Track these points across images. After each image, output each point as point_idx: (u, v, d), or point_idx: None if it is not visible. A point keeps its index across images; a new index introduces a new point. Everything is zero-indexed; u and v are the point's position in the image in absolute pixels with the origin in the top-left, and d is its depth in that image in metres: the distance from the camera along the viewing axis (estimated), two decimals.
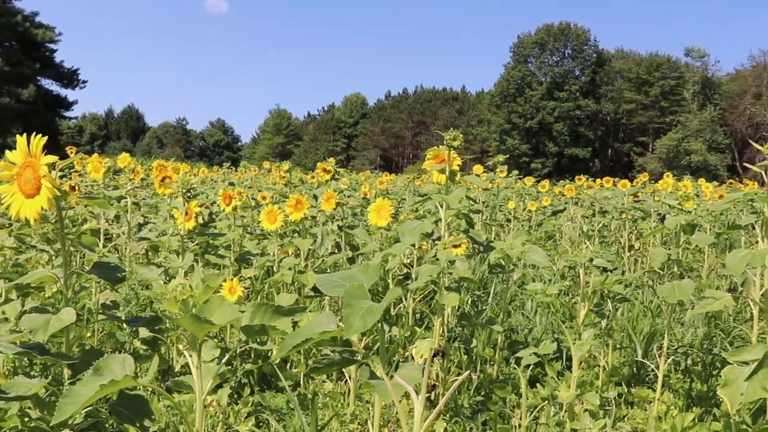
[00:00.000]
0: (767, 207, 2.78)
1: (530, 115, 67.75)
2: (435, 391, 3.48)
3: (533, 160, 67.42)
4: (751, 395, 2.63)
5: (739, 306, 5.15)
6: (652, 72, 69.17)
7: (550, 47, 71.16)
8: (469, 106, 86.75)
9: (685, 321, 4.95)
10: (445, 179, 3.46)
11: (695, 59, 69.83)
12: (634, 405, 3.64)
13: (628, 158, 69.20)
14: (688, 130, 60.02)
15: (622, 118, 70.24)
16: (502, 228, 9.79)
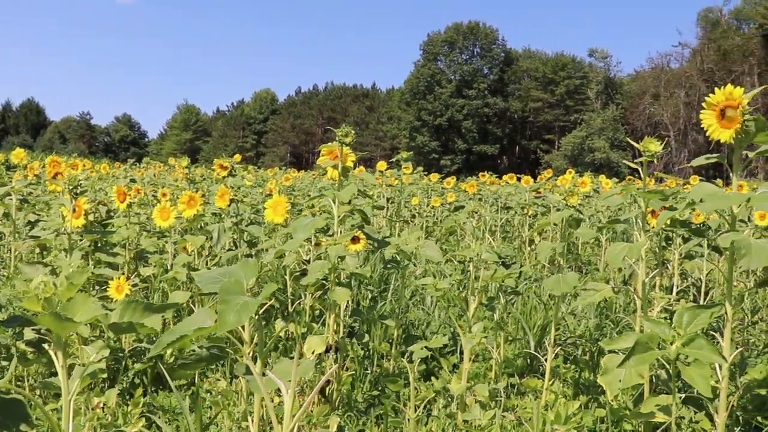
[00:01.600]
0: (643, 202, 2.89)
1: (440, 113, 68.50)
2: (329, 387, 3.49)
3: (442, 156, 68.20)
4: (628, 381, 2.74)
5: (629, 297, 5.32)
6: (557, 72, 70.91)
7: (460, 46, 72.09)
8: (379, 103, 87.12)
9: (578, 312, 5.09)
10: (338, 175, 3.47)
11: (598, 60, 72.00)
12: (525, 395, 3.73)
13: (535, 155, 70.79)
14: (591, 129, 61.81)
15: (529, 116, 71.77)
16: (407, 224, 9.88)
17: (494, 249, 5.65)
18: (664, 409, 2.64)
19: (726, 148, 2.63)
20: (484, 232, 9.52)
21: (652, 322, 2.40)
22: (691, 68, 63.61)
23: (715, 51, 61.86)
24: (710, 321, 2.38)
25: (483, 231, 9.58)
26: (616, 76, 72.08)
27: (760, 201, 2.39)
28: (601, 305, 5.06)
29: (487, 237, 8.58)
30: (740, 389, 2.92)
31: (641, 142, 2.86)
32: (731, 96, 2.47)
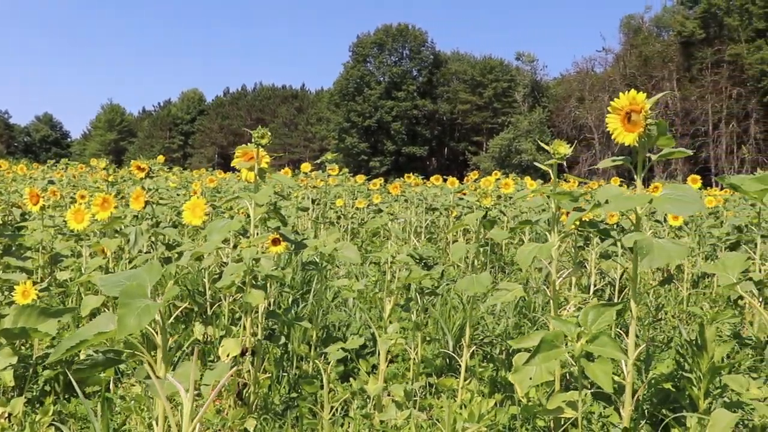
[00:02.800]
0: (554, 203, 2.95)
1: (369, 114, 68.58)
2: (246, 390, 3.46)
3: (372, 158, 68.33)
4: (538, 379, 2.79)
5: (548, 297, 5.42)
6: (485, 74, 71.76)
7: (389, 47, 72.29)
8: (308, 104, 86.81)
9: (498, 312, 5.16)
10: (254, 177, 3.44)
11: (525, 64, 73.20)
12: (442, 395, 3.76)
13: (464, 157, 71.45)
14: (518, 131, 62.72)
15: (458, 118, 72.41)
16: (332, 225, 9.85)
17: (417, 250, 5.71)
18: (571, 405, 2.70)
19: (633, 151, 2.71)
20: (409, 233, 9.58)
21: (559, 321, 2.45)
22: (614, 73, 65.14)
23: (637, 57, 63.50)
24: (614, 318, 2.44)
25: (408, 232, 9.64)
26: (542, 80, 73.46)
27: (662, 202, 2.46)
28: (520, 305, 5.14)
29: (412, 238, 8.64)
30: (645, 384, 3.00)
31: (552, 144, 2.92)
32: (635, 101, 2.54)
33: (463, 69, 74.00)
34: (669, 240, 2.48)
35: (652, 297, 5.74)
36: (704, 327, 3.02)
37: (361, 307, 5.00)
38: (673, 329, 4.98)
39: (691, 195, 2.48)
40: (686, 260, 6.85)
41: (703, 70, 58.68)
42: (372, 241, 9.41)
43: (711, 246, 7.99)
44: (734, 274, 2.22)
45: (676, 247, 2.45)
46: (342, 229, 9.66)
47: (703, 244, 8.10)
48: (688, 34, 59.00)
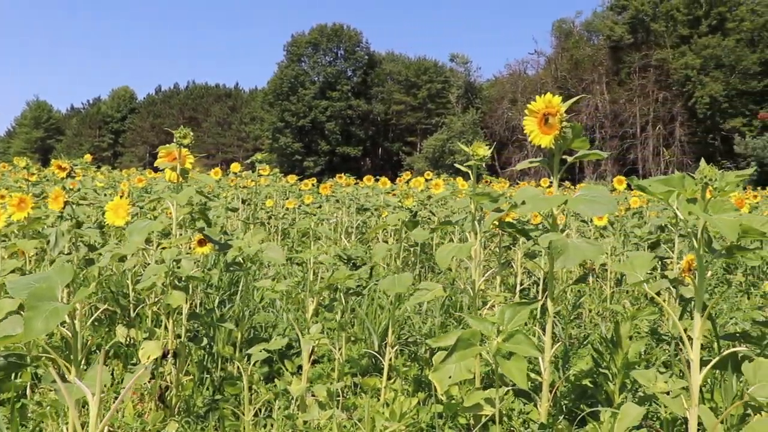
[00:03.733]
0: (474, 204, 3.00)
1: (303, 114, 68.32)
2: (168, 392, 3.42)
3: (306, 158, 68.11)
4: (458, 377, 2.82)
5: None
6: (420, 75, 72.24)
7: (324, 47, 72.17)
8: (242, 103, 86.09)
9: (424, 311, 5.21)
10: (177, 177, 3.41)
11: (459, 65, 73.99)
12: (367, 394, 3.78)
13: (398, 157, 71.76)
14: (452, 131, 63.26)
15: (392, 119, 72.69)
16: (263, 226, 9.79)
17: (346, 250, 5.72)
18: (490, 402, 2.75)
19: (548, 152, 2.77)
20: (340, 233, 9.58)
21: (476, 320, 2.49)
22: (546, 75, 66.31)
23: (568, 60, 64.76)
24: (529, 317, 2.50)
25: (340, 233, 9.64)
26: (476, 81, 74.34)
27: (576, 203, 2.53)
28: (446, 304, 5.19)
29: (342, 239, 8.64)
30: (562, 380, 3.07)
31: (470, 146, 2.97)
32: (551, 104, 2.60)
33: (397, 70, 74.36)
34: (584, 240, 2.55)
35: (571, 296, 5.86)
36: (619, 324, 3.11)
37: (289, 308, 4.99)
38: (594, 327, 5.11)
39: (604, 196, 2.55)
40: (610, 259, 7.02)
41: (631, 74, 60.22)
42: (302, 242, 9.38)
43: (634, 245, 8.20)
44: (642, 272, 2.29)
45: (590, 247, 2.51)
46: (272, 229, 9.61)
47: (627, 244, 8.31)
48: (617, 39, 60.48)
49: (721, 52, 54.67)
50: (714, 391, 3.14)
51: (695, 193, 2.10)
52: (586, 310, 6.06)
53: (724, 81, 54.67)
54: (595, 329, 4.99)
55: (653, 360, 3.99)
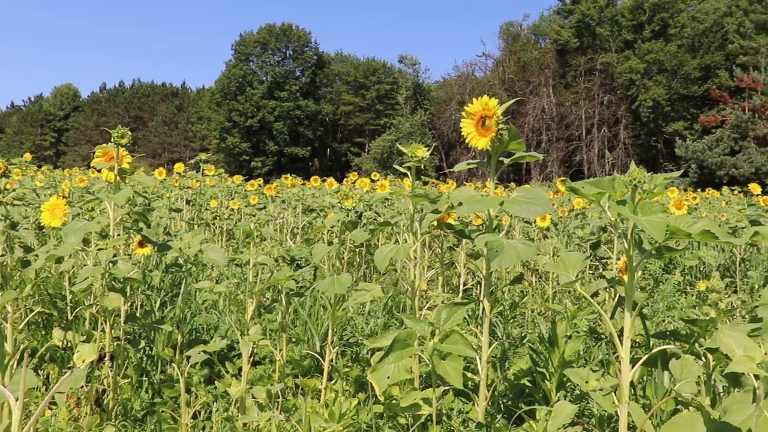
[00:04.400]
0: (412, 205, 3.02)
1: (251, 114, 67.78)
2: (105, 396, 3.37)
3: (254, 158, 67.60)
4: (396, 377, 2.83)
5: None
6: (368, 76, 72.29)
7: (272, 47, 71.69)
8: (189, 103, 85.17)
9: (367, 311, 5.22)
10: (114, 177, 3.36)
11: (408, 66, 74.24)
12: (307, 395, 3.77)
13: (346, 158, 71.71)
14: (400, 133, 63.43)
15: (341, 119, 72.61)
16: (208, 227, 9.71)
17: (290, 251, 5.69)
18: (428, 401, 2.77)
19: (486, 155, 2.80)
20: (286, 234, 9.54)
21: (412, 320, 2.51)
22: (493, 78, 66.87)
23: (516, 62, 65.43)
24: (471, 317, 2.52)
25: (285, 233, 9.60)
26: (424, 83, 74.65)
27: (512, 204, 2.56)
28: (389, 304, 5.21)
29: (288, 239, 8.61)
30: (499, 379, 3.11)
31: (410, 147, 2.99)
32: (487, 107, 2.63)
33: (346, 70, 74.33)
34: (519, 241, 2.58)
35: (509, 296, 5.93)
36: (556, 324, 3.16)
37: (231, 310, 4.96)
38: (535, 326, 5.17)
39: (539, 198, 2.58)
40: (552, 259, 7.11)
41: (577, 77, 61.12)
42: (247, 243, 9.31)
43: (576, 246, 8.33)
44: (573, 272, 2.33)
45: (525, 248, 2.55)
46: (217, 230, 9.52)
47: (570, 244, 8.44)
48: (563, 43, 61.33)
49: (663, 57, 55.86)
50: (647, 388, 3.21)
51: (624, 195, 2.15)
52: (529, 310, 6.14)
53: (667, 85, 55.87)
54: (535, 329, 5.05)
55: (591, 358, 4.06)
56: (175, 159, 64.07)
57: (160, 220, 7.77)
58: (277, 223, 10.65)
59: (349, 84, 73.21)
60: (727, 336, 1.71)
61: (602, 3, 60.36)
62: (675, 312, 5.70)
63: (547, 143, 60.26)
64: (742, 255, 8.29)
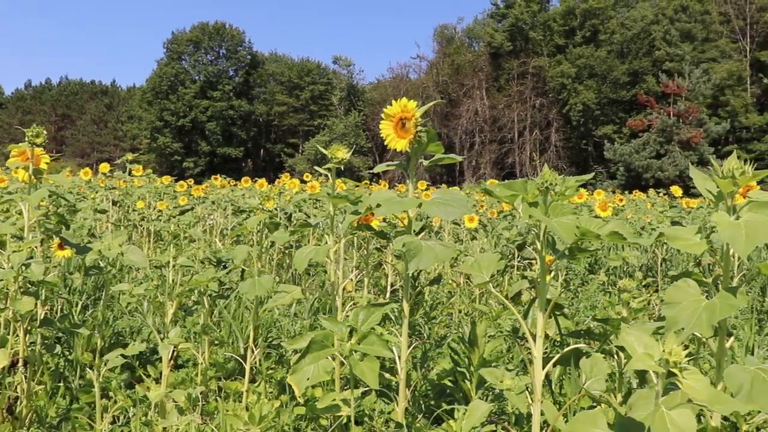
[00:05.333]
0: (332, 206, 3.02)
1: (183, 113, 66.85)
2: (18, 403, 3.28)
3: (186, 158, 66.69)
4: (316, 378, 2.83)
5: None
6: (303, 77, 72.09)
7: (205, 46, 70.89)
8: (119, 101, 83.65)
9: (291, 313, 5.20)
10: (30, 178, 3.28)
11: (342, 67, 74.30)
12: (230, 398, 3.74)
13: (280, 159, 71.29)
14: (334, 134, 63.41)
15: (274, 120, 72.20)
16: (135, 228, 9.53)
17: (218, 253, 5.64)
18: (347, 402, 2.77)
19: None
20: (215, 235, 9.44)
21: (330, 321, 2.51)
22: (427, 80, 67.37)
23: (450, 65, 66.03)
24: (392, 316, 2.54)
25: (215, 234, 9.49)
26: (358, 84, 74.84)
27: (430, 206, 2.58)
28: (316, 306, 5.20)
29: (216, 241, 8.51)
30: (420, 379, 3.14)
31: (330, 149, 2.99)
32: (406, 109, 2.65)
33: (280, 70, 73.98)
34: (438, 242, 2.60)
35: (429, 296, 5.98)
36: (476, 324, 3.20)
37: (155, 312, 4.88)
38: (460, 327, 5.23)
39: (457, 199, 2.61)
40: None
41: (510, 80, 62.03)
42: (176, 245, 9.17)
43: (504, 246, 8.45)
44: (488, 273, 2.36)
45: (443, 249, 2.57)
46: (145, 232, 9.36)
47: (498, 245, 8.55)
48: (497, 46, 62.18)
49: (593, 62, 57.12)
50: (564, 386, 3.27)
51: (537, 197, 2.19)
52: (456, 311, 6.20)
53: (597, 90, 57.16)
54: (459, 329, 5.11)
55: (513, 358, 4.12)
56: (105, 159, 62.66)
57: (84, 221, 7.58)
58: (208, 225, 10.53)
59: (283, 84, 72.86)
60: (629, 335, 1.76)
61: (535, 8, 61.43)
62: (597, 311, 5.83)
63: (480, 145, 61.00)
64: (663, 255, 8.51)
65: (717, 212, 2.03)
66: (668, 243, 2.08)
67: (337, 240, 3.12)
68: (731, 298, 1.93)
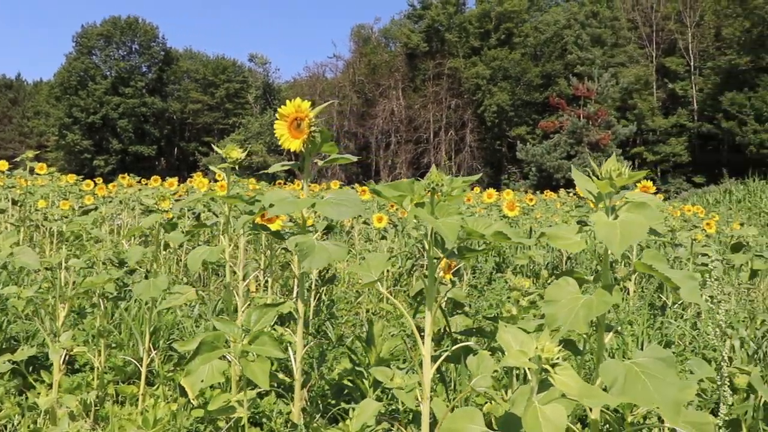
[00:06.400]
0: (227, 206, 3.00)
1: (93, 110, 64.96)
2: None
3: (96, 156, 64.84)
4: (210, 380, 2.80)
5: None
6: (218, 74, 71.10)
7: (117, 40, 69.07)
8: (25, 96, 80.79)
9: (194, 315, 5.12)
10: None
11: (258, 65, 73.60)
12: (126, 402, 3.67)
13: (194, 157, 70.16)
14: (249, 132, 62.81)
15: (189, 118, 71.00)
16: (37, 229, 9.24)
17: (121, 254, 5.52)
18: (242, 404, 2.76)
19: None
20: (122, 236, 9.23)
21: (221, 322, 2.49)
22: (344, 79, 67.33)
23: (366, 65, 66.14)
24: (275, 317, 2.53)
25: (122, 235, 9.28)
26: (274, 83, 74.31)
27: (323, 206, 2.59)
28: (219, 307, 5.14)
29: (123, 242, 8.33)
30: (317, 379, 3.14)
31: (224, 149, 2.96)
32: (300, 109, 2.66)
33: (195, 67, 72.79)
34: (331, 242, 2.62)
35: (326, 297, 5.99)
36: (372, 324, 3.23)
37: (50, 316, 4.74)
38: (362, 327, 5.26)
39: (351, 199, 2.63)
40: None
41: (426, 81, 62.58)
42: (82, 245, 8.93)
43: (413, 246, 8.52)
44: (376, 273, 2.39)
45: (337, 249, 2.59)
46: (47, 232, 9.08)
47: (408, 244, 8.62)
48: (413, 47, 62.66)
49: (508, 64, 58.15)
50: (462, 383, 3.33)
51: (423, 198, 2.22)
52: (363, 310, 6.23)
53: (511, 91, 58.19)
54: (362, 329, 5.13)
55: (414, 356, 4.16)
56: (9, 156, 60.56)
57: None
58: (116, 225, 10.28)
59: (197, 82, 71.70)
60: (506, 333, 1.80)
61: (451, 10, 62.15)
62: (501, 309, 5.93)
63: (396, 145, 61.35)
64: (567, 254, 8.74)
65: (595, 212, 2.10)
66: (549, 242, 2.14)
67: (232, 240, 3.10)
68: (607, 295, 2.00)
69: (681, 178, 50.72)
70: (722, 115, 48.56)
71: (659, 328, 5.11)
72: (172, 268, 8.03)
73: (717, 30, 52.13)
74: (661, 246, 8.41)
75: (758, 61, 47.34)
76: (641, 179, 6.10)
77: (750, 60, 47.92)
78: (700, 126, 51.58)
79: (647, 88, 54.74)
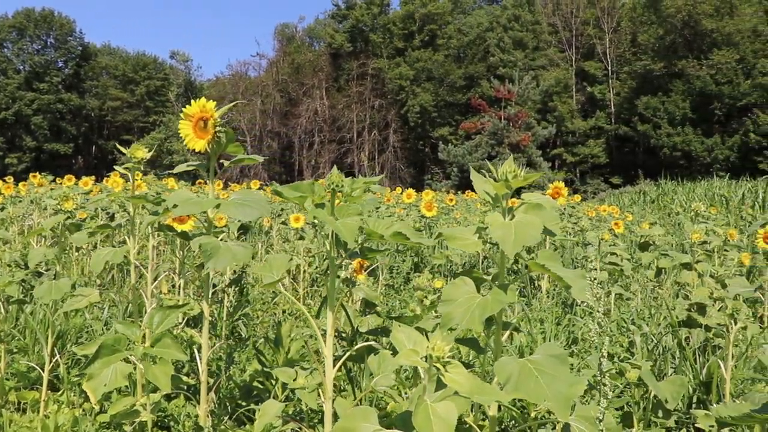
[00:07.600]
0: (132, 207, 2.96)
1: (5, 106, 62.74)
2: None
3: (8, 154, 62.66)
4: (113, 383, 2.76)
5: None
6: (138, 71, 69.70)
7: (31, 34, 66.89)
8: None
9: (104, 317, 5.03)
10: None
11: (180, 63, 72.51)
12: (29, 409, 3.58)
13: (113, 156, 68.56)
14: (170, 131, 61.80)
15: (108, 115, 69.39)
16: None
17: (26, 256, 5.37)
18: (146, 407, 2.73)
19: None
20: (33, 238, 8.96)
21: (123, 324, 2.46)
22: (267, 78, 66.80)
23: (290, 64, 65.77)
24: (178, 319, 2.52)
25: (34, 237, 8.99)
26: (196, 80, 73.37)
27: (228, 207, 2.58)
28: (130, 310, 5.06)
29: (33, 243, 8.10)
30: (224, 380, 3.13)
31: (129, 149, 2.93)
32: (205, 109, 2.64)
33: (114, 64, 71.14)
34: (235, 243, 2.61)
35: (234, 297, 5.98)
36: (281, 324, 3.23)
37: None
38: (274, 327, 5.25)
39: (256, 200, 2.63)
40: (305, 260, 7.21)
41: (350, 81, 62.61)
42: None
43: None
44: (278, 273, 2.39)
45: (241, 250, 2.58)
46: None
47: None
48: (337, 47, 62.64)
49: (431, 66, 58.68)
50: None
51: (324, 199, 2.24)
52: (280, 311, 6.22)
53: (434, 92, 58.74)
54: (273, 330, 5.12)
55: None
56: None
57: None
58: (26, 225, 9.98)
59: (117, 78, 70.11)
60: (400, 332, 1.84)
61: (375, 11, 62.36)
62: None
63: (319, 145, 61.22)
64: (484, 253, 8.88)
65: (491, 213, 2.16)
66: (447, 242, 2.18)
67: (138, 241, 3.06)
68: (502, 294, 2.06)
69: (599, 179, 52.08)
70: (638, 118, 50.09)
71: (567, 325, 5.25)
72: (84, 270, 7.84)
73: (633, 36, 53.73)
74: (574, 246, 8.63)
75: (671, 67, 49.01)
76: (534, 180, 6.26)
77: (663, 65, 49.58)
78: (617, 128, 53.08)
79: (567, 91, 56.01)
